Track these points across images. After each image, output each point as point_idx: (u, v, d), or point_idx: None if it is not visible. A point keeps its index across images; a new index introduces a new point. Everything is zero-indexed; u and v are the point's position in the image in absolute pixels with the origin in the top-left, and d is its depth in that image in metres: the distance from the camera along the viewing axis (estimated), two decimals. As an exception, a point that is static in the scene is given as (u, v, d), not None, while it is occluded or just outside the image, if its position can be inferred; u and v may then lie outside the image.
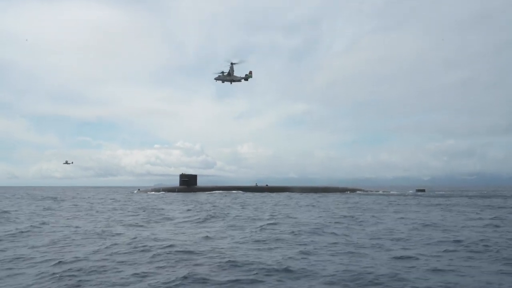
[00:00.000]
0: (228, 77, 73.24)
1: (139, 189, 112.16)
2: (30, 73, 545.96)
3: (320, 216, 29.13)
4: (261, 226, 22.74)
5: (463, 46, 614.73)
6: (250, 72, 76.37)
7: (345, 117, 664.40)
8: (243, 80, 75.36)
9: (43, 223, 24.49)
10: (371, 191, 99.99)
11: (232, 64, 72.70)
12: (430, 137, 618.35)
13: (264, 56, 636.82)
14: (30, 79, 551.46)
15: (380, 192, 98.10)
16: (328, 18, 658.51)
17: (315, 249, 15.42)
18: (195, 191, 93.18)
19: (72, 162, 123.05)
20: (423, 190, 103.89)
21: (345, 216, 28.97)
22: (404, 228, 22.00)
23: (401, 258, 13.65)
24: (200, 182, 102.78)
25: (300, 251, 14.90)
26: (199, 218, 27.66)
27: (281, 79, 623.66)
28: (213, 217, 28.73)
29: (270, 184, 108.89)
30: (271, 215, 30.51)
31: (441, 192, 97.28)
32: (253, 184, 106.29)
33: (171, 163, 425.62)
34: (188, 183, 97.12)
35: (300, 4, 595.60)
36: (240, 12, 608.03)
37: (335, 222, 24.86)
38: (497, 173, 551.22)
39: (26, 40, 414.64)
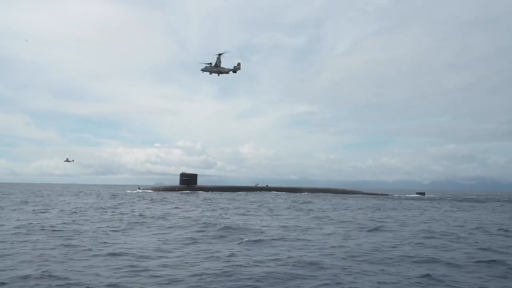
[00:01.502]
0: (215, 68, 69.89)
1: (139, 188, 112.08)
2: (31, 68, 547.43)
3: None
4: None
5: (466, 49, 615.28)
6: (239, 64, 72.84)
7: (347, 119, 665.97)
8: (231, 72, 72.04)
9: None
10: (379, 194, 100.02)
11: (219, 55, 69.22)
12: (431, 141, 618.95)
13: (267, 55, 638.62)
14: (31, 74, 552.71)
15: (396, 195, 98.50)
16: (332, 18, 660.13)
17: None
18: (195, 191, 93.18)
19: (73, 160, 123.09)
20: (423, 194, 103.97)
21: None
22: None
23: None
24: (200, 182, 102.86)
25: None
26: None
27: (284, 79, 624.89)
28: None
29: (270, 185, 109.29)
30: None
31: (446, 196, 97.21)
32: (254, 185, 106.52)
33: (172, 162, 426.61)
34: (188, 182, 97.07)
35: (304, 3, 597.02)
36: (244, 10, 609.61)
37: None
38: (497, 179, 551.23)
39: (26, 40, 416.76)
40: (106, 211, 33.24)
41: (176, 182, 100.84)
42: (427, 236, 20.64)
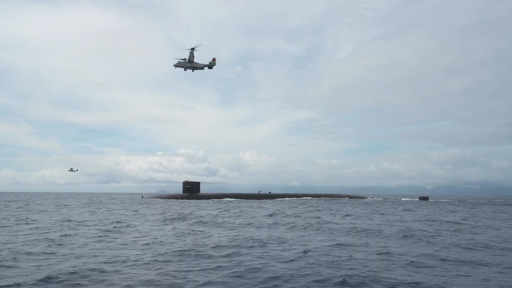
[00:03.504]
0: (189, 64, 68.24)
1: (142, 197, 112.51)
2: (33, 78, 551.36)
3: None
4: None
5: (466, 53, 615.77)
6: (214, 59, 71.05)
7: (348, 125, 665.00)
8: (206, 68, 70.52)
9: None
10: (383, 198, 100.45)
11: (192, 49, 66.98)
12: (433, 146, 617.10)
13: (267, 62, 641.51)
14: (33, 84, 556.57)
15: (404, 199, 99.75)
16: (331, 24, 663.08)
17: None
18: (198, 199, 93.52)
19: (77, 170, 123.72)
20: (426, 198, 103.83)
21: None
22: None
23: None
24: (203, 189, 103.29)
25: None
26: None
27: (284, 86, 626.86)
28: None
29: (273, 192, 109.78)
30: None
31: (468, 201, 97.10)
32: (257, 192, 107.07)
33: (174, 170, 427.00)
34: (191, 190, 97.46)
35: (303, 10, 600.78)
36: (243, 17, 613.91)
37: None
38: (501, 183, 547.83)
39: (26, 40, 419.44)
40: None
41: (178, 189, 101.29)
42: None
